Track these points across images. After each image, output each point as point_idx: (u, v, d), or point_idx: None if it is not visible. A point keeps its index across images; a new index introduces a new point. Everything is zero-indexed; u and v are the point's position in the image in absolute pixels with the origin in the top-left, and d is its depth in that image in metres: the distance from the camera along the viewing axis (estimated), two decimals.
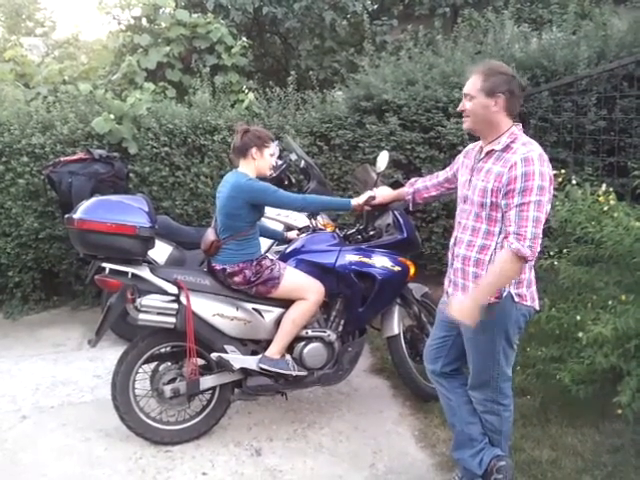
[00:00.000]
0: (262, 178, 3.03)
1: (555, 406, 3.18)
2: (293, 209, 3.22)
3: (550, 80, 4.74)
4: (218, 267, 2.95)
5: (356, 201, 3.05)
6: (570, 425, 3.03)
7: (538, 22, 6.61)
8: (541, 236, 2.15)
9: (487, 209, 2.26)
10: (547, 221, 3.35)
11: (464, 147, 4.65)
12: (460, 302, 2.26)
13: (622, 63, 3.89)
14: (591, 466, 2.71)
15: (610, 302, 2.80)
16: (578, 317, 2.88)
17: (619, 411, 2.58)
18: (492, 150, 2.28)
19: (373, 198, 3.04)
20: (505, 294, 2.26)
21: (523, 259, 2.14)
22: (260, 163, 3.00)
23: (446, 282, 2.51)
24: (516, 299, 2.27)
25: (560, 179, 3.29)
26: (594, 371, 2.79)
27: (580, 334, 2.72)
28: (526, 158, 2.15)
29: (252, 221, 2.98)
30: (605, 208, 2.99)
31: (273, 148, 3.05)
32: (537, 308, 2.36)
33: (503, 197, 2.19)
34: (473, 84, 2.26)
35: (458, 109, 2.38)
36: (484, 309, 2.21)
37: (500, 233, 2.24)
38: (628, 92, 4.33)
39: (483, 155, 2.32)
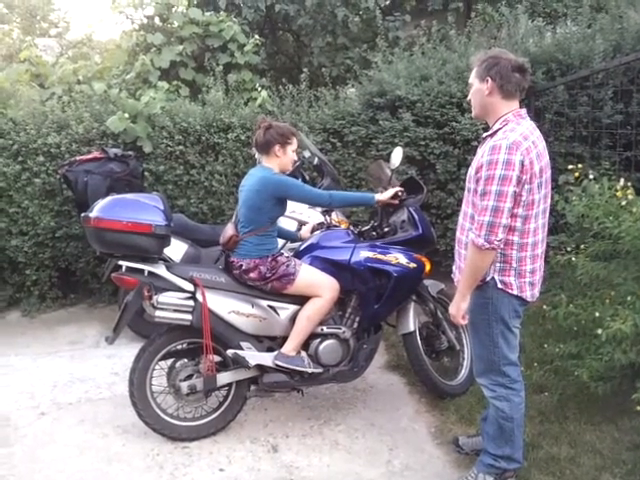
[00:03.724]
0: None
1: (573, 403, 3.16)
2: (318, 204, 3.23)
3: (565, 74, 4.68)
4: (235, 262, 2.96)
5: (381, 196, 3.09)
6: (589, 422, 3.00)
7: (552, 16, 6.55)
8: (503, 224, 2.17)
9: (471, 194, 2.33)
10: (563, 216, 3.35)
11: (479, 142, 4.67)
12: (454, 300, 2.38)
13: (639, 56, 3.84)
14: (610, 463, 2.68)
15: (629, 298, 2.77)
16: (596, 313, 2.85)
17: (638, 408, 2.55)
18: (486, 137, 2.34)
19: (402, 193, 3.11)
20: (489, 278, 2.31)
21: (480, 249, 2.19)
22: (283, 160, 3.02)
23: (454, 265, 2.58)
24: (499, 285, 2.31)
25: (577, 174, 3.26)
26: (613, 368, 2.77)
27: (598, 330, 2.69)
28: (494, 146, 2.19)
29: (274, 216, 3.00)
30: (623, 203, 2.96)
31: (295, 143, 3.06)
32: (527, 299, 2.36)
33: (474, 183, 2.27)
34: (472, 73, 2.37)
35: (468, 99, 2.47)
36: (474, 292, 2.32)
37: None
38: None
39: (482, 141, 2.39)
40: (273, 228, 3.03)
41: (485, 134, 2.35)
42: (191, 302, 2.88)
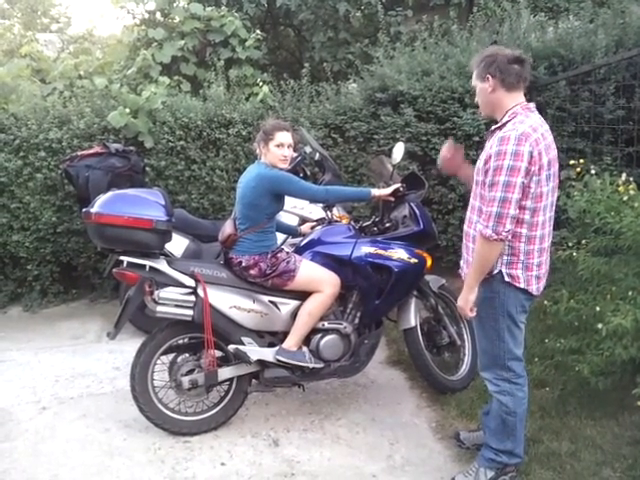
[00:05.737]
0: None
1: (574, 398, 3.16)
2: (314, 200, 3.25)
3: (567, 69, 4.67)
4: (235, 259, 2.96)
5: (377, 192, 3.09)
6: (589, 417, 3.00)
7: (555, 11, 6.51)
8: (511, 215, 2.17)
9: (479, 187, 2.33)
10: (565, 211, 3.34)
11: (480, 138, 4.68)
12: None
13: None
14: (611, 458, 2.69)
15: (630, 293, 2.77)
16: (597, 308, 2.85)
17: (639, 403, 2.56)
18: (495, 129, 2.34)
19: (403, 188, 3.11)
20: (496, 272, 2.31)
21: (487, 240, 2.20)
22: (268, 157, 2.98)
23: (461, 260, 2.57)
24: (506, 279, 2.31)
25: (578, 169, 3.26)
26: (613, 363, 2.77)
27: (599, 325, 2.69)
28: (503, 137, 2.20)
29: (272, 213, 2.99)
30: (625, 198, 2.95)
31: (279, 138, 2.95)
32: (534, 293, 2.36)
33: (483, 175, 2.27)
34: (473, 75, 2.39)
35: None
36: (481, 286, 2.31)
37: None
38: None
39: (489, 134, 2.40)
40: (271, 224, 3.03)
41: (494, 127, 2.35)
42: (192, 297, 2.88)
